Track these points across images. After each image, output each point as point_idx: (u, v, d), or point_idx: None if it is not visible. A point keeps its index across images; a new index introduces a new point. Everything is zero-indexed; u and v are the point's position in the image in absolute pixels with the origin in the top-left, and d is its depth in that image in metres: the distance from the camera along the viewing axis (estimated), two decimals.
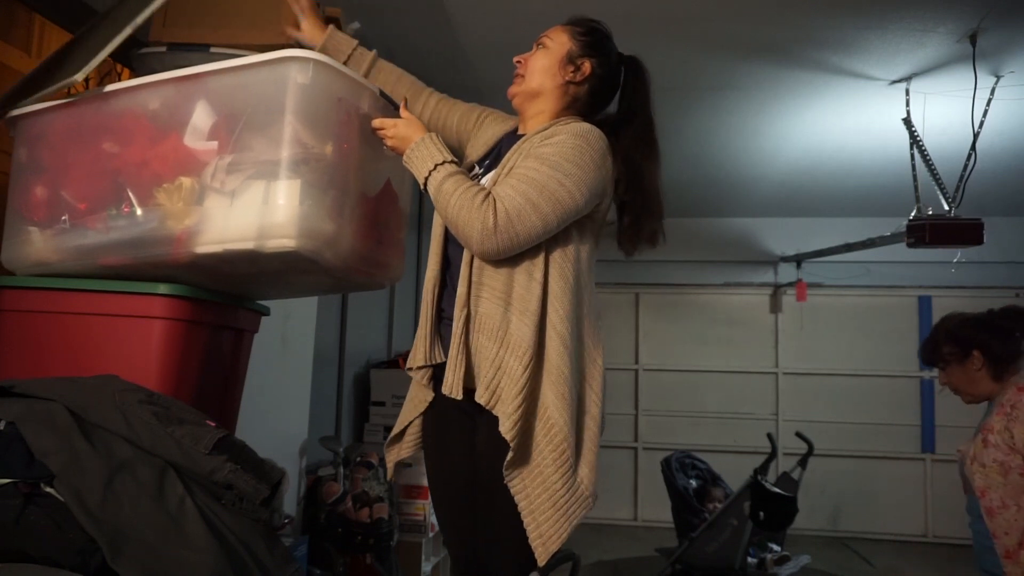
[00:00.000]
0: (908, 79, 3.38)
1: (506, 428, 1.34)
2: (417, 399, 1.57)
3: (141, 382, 1.26)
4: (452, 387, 1.40)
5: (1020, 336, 2.05)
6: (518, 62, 1.59)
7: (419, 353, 1.52)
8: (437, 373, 1.54)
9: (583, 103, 1.56)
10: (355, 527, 2.95)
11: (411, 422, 1.59)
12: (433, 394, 1.55)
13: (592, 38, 1.56)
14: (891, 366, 5.82)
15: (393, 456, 1.62)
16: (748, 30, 3.00)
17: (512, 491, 1.36)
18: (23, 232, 1.50)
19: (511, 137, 1.59)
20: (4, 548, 0.96)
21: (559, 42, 1.56)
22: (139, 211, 1.38)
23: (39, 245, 1.46)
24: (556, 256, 1.43)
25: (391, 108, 1.54)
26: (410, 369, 1.56)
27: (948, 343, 2.13)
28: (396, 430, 1.61)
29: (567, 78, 1.54)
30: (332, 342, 3.57)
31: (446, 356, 1.46)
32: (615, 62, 1.59)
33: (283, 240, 1.30)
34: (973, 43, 2.97)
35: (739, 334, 6.08)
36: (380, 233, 1.57)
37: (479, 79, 3.41)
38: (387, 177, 1.60)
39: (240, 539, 1.09)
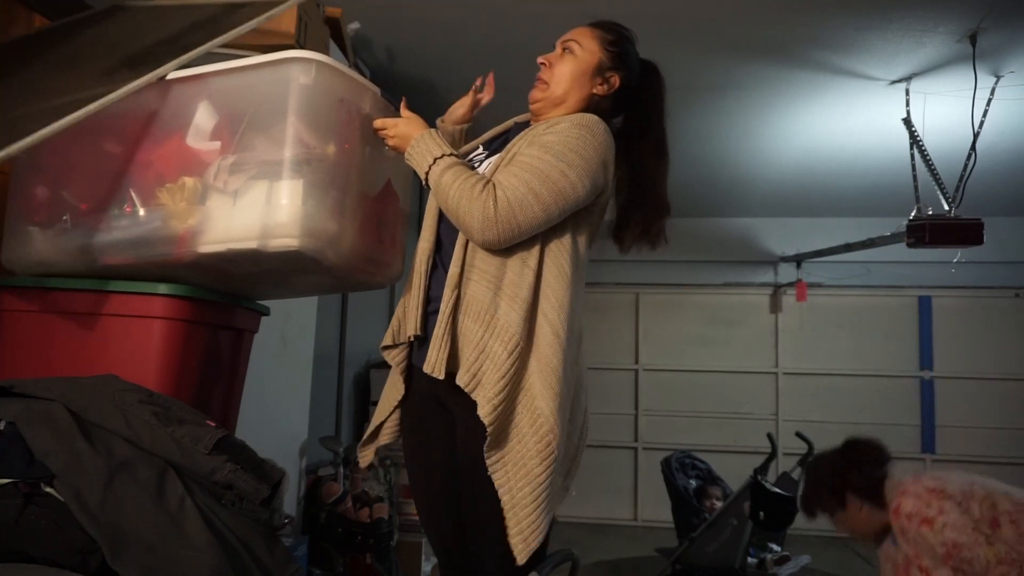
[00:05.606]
0: (908, 79, 3.38)
1: (485, 412, 1.31)
2: (391, 394, 1.55)
3: (141, 382, 1.26)
4: (435, 366, 1.36)
5: (877, 459, 2.06)
6: (542, 64, 1.55)
7: (410, 324, 1.46)
8: (410, 365, 1.52)
9: (602, 111, 1.54)
10: (355, 527, 2.95)
11: (387, 417, 1.56)
12: (405, 388, 1.53)
13: (620, 49, 1.54)
14: (891, 366, 5.82)
15: (368, 453, 1.59)
16: (748, 30, 3.01)
17: (495, 484, 1.34)
18: (24, 232, 1.49)
19: (521, 127, 1.59)
20: (4, 548, 0.95)
21: (589, 50, 1.53)
22: (141, 211, 1.38)
23: (40, 245, 1.46)
24: (552, 246, 1.41)
25: (392, 108, 1.54)
26: (390, 347, 1.52)
27: (823, 494, 2.13)
28: (370, 429, 1.58)
29: (595, 90, 1.53)
30: (332, 342, 3.57)
31: (427, 335, 1.43)
32: (638, 71, 1.57)
33: (286, 239, 1.30)
34: (973, 43, 2.97)
35: (739, 334, 6.08)
36: (381, 233, 1.57)
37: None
38: (388, 177, 1.60)
39: (240, 539, 1.08)
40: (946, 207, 3.55)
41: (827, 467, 2.15)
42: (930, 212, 3.54)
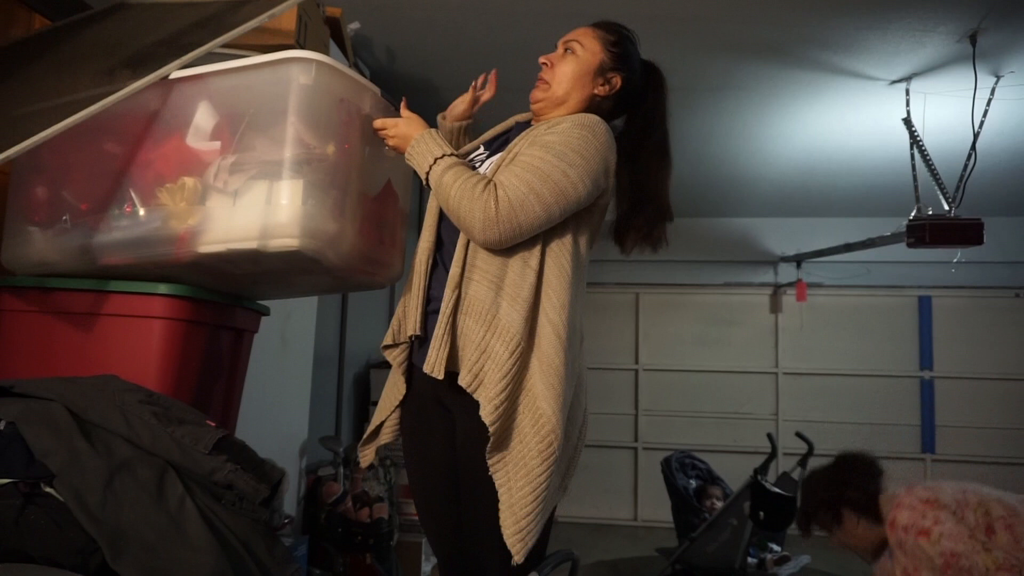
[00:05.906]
0: (908, 79, 3.39)
1: (487, 412, 1.31)
2: (391, 393, 1.54)
3: (141, 382, 1.26)
4: (435, 366, 1.36)
5: (870, 473, 2.06)
6: (544, 63, 1.55)
7: (410, 323, 1.46)
8: (411, 365, 1.51)
9: (604, 112, 1.54)
10: (355, 527, 2.95)
11: (387, 416, 1.56)
12: (406, 387, 1.53)
13: (622, 49, 1.54)
14: (891, 366, 5.82)
15: (368, 453, 1.58)
16: (748, 30, 3.01)
17: (496, 483, 1.34)
18: (24, 232, 1.49)
19: (522, 126, 1.59)
20: (4, 548, 0.95)
21: (591, 51, 1.52)
22: (141, 211, 1.38)
23: (40, 245, 1.46)
24: (553, 246, 1.42)
25: (392, 109, 1.54)
26: (390, 346, 1.52)
27: (818, 510, 2.13)
28: (371, 428, 1.57)
29: (596, 91, 1.53)
30: (332, 342, 3.57)
31: (427, 334, 1.43)
32: (639, 72, 1.57)
33: (286, 240, 1.30)
34: (973, 43, 2.97)
35: (739, 334, 6.08)
36: (381, 233, 1.57)
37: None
38: (388, 177, 1.60)
39: (240, 539, 1.08)
40: (946, 207, 3.55)
41: (821, 483, 2.14)
42: (930, 212, 3.54)
